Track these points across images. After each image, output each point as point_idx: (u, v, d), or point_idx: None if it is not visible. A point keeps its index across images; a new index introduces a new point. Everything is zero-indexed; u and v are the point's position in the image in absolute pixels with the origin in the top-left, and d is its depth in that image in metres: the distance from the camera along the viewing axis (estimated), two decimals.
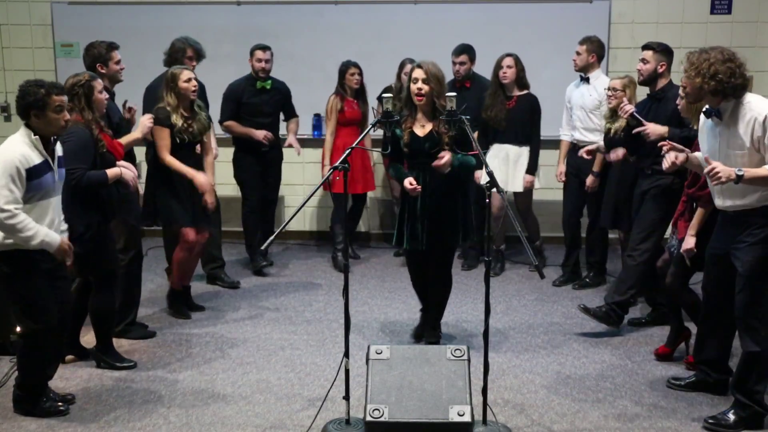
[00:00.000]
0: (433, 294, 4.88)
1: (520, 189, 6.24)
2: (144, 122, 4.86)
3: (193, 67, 5.71)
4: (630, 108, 5.00)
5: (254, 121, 6.25)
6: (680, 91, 4.32)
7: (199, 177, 5.12)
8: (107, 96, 4.51)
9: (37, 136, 3.79)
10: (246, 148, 6.33)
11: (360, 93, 6.45)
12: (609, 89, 5.38)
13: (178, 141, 5.07)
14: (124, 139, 4.72)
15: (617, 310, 5.08)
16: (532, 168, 6.21)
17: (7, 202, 3.66)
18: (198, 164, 5.23)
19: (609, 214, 5.57)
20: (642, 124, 4.89)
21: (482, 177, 6.11)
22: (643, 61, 5.12)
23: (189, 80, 5.09)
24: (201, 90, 5.48)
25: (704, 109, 3.85)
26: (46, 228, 3.80)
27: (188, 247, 5.27)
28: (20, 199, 3.70)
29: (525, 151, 6.20)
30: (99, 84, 4.38)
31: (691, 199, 4.39)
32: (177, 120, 5.06)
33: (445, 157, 4.47)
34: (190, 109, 5.17)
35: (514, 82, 6.08)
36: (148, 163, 5.37)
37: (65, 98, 3.88)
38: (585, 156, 5.60)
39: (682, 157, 4.04)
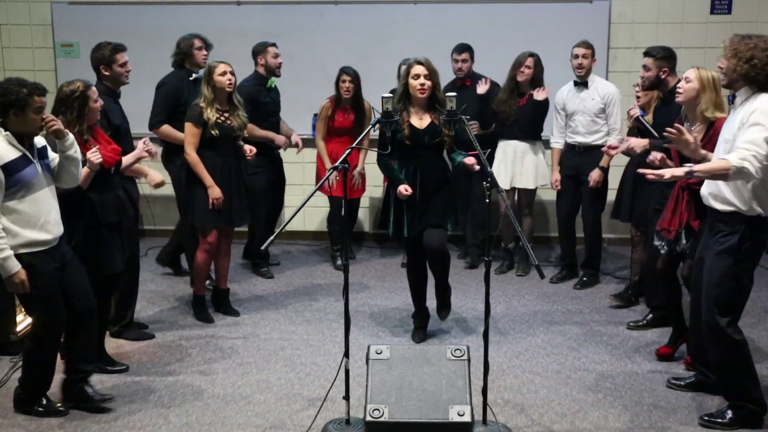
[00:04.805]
0: (434, 271, 4.93)
1: (525, 186, 6.24)
2: (91, 158, 4.15)
3: (205, 56, 5.74)
4: (636, 112, 5.00)
5: (269, 122, 6.16)
6: (683, 80, 4.30)
7: (215, 188, 5.10)
8: (102, 103, 4.42)
9: (8, 132, 3.73)
10: (259, 152, 5.94)
11: (354, 102, 6.26)
12: (636, 85, 5.36)
13: (213, 135, 5.07)
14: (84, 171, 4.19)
15: None
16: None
17: None
18: (240, 160, 5.27)
19: (627, 209, 5.53)
20: (648, 130, 4.87)
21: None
22: (645, 68, 5.09)
23: (224, 74, 5.08)
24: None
25: (729, 95, 3.87)
26: (10, 252, 3.70)
27: (207, 248, 5.28)
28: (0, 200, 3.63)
29: (530, 147, 6.21)
30: (94, 93, 4.28)
31: (697, 198, 4.34)
32: (210, 114, 5.07)
33: (472, 159, 4.61)
34: (228, 104, 5.18)
35: (529, 82, 6.09)
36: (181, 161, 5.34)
37: (45, 100, 3.81)
38: (612, 153, 5.49)
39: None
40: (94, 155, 4.13)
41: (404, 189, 4.67)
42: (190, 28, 6.12)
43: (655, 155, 4.38)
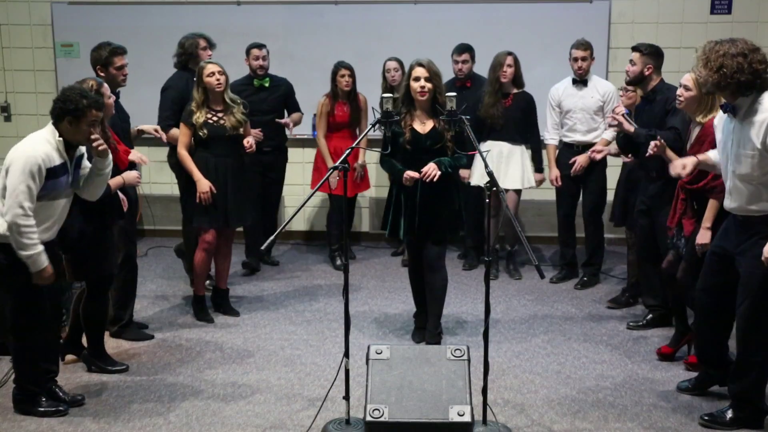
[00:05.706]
0: (429, 290, 4.91)
1: (510, 187, 6.14)
2: (130, 176, 4.55)
3: (209, 57, 5.73)
4: (621, 110, 5.05)
5: (253, 122, 6.19)
6: (683, 80, 4.29)
7: (202, 181, 5.12)
8: (114, 98, 4.50)
9: (60, 139, 3.82)
10: None
11: (351, 95, 6.36)
12: (621, 89, 5.41)
13: (201, 136, 5.11)
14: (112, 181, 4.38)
15: None
16: (539, 166, 6.19)
17: (25, 199, 3.70)
18: (239, 159, 5.28)
19: (619, 212, 5.55)
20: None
21: (471, 176, 6.11)
22: (631, 62, 5.14)
23: (212, 74, 5.10)
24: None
25: (721, 104, 3.80)
26: (42, 246, 3.80)
27: (205, 248, 5.28)
28: (35, 198, 3.74)
29: (517, 149, 6.12)
30: (107, 89, 4.38)
31: (692, 196, 4.35)
32: (200, 117, 5.10)
33: (431, 170, 4.60)
34: (223, 103, 5.19)
35: (512, 81, 6.05)
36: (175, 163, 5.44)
37: (101, 115, 3.91)
38: (597, 157, 5.66)
39: (690, 166, 3.96)
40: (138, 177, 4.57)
41: (409, 174, 4.62)
42: (191, 28, 6.12)
43: (655, 144, 4.39)
